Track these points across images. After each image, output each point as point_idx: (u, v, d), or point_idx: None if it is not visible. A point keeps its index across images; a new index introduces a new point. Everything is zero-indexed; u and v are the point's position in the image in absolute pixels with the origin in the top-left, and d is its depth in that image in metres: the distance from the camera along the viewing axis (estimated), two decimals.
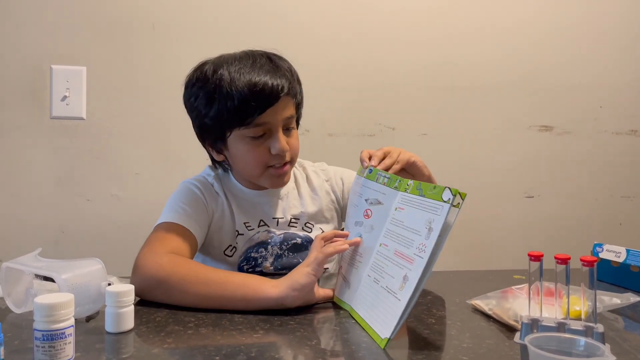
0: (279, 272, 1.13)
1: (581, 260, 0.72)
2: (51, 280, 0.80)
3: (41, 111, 1.58)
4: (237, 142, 1.05)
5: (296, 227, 1.16)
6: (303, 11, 1.66)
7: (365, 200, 0.94)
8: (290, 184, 1.19)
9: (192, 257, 1.03)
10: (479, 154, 1.75)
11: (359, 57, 1.69)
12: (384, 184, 0.92)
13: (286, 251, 1.13)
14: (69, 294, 0.67)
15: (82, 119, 1.59)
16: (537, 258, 0.75)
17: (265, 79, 1.00)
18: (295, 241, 1.14)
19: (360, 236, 0.92)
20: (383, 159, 0.99)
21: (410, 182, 0.87)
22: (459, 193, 0.75)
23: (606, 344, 0.71)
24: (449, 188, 0.76)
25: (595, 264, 0.71)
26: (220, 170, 1.17)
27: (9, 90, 1.57)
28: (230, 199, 1.13)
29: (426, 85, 1.72)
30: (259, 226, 1.13)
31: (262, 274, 1.11)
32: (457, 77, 1.73)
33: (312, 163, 1.28)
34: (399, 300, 0.75)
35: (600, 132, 1.78)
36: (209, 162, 1.19)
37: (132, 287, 0.79)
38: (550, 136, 1.76)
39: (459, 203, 0.75)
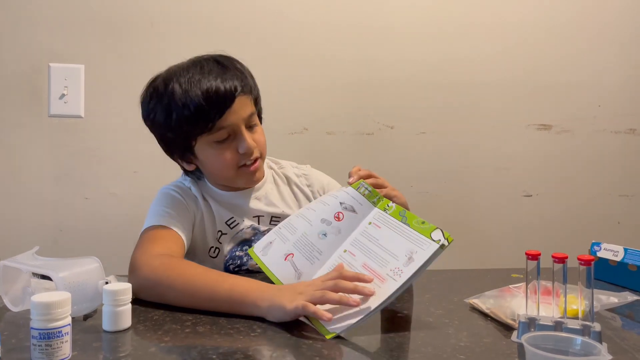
0: None
1: (579, 259, 0.72)
2: (48, 278, 0.80)
3: (39, 109, 1.57)
4: (205, 149, 1.06)
5: (277, 225, 1.15)
6: (301, 9, 1.65)
7: (340, 203, 0.95)
8: (268, 184, 1.19)
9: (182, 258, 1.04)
10: (478, 152, 1.74)
11: (358, 55, 1.68)
12: (363, 195, 0.94)
13: None
14: (65, 293, 0.67)
15: (80, 117, 1.59)
16: (534, 257, 0.75)
17: (216, 83, 1.01)
18: None
19: (324, 234, 0.92)
20: (369, 177, 0.99)
21: (392, 204, 0.91)
22: (448, 237, 0.80)
23: (603, 342, 0.71)
24: (441, 230, 0.81)
25: (592, 263, 0.71)
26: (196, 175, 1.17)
27: (7, 89, 1.56)
28: (209, 200, 1.14)
29: (425, 84, 1.71)
30: (243, 222, 1.13)
31: (249, 272, 1.12)
32: (456, 75, 1.72)
33: (296, 165, 1.27)
34: (360, 308, 0.78)
35: (599, 130, 1.78)
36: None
37: (129, 286, 0.79)
38: (548, 135, 1.76)
39: (444, 245, 0.79)
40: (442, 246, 0.79)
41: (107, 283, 0.80)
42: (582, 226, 1.78)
